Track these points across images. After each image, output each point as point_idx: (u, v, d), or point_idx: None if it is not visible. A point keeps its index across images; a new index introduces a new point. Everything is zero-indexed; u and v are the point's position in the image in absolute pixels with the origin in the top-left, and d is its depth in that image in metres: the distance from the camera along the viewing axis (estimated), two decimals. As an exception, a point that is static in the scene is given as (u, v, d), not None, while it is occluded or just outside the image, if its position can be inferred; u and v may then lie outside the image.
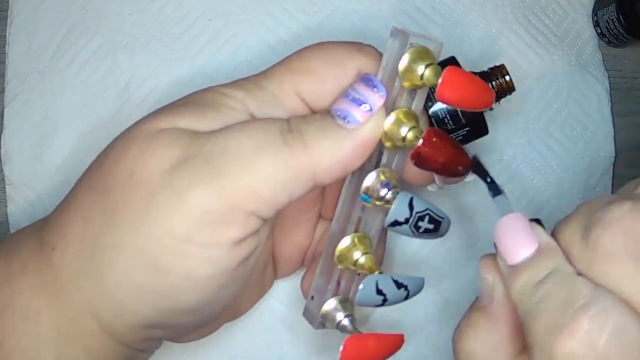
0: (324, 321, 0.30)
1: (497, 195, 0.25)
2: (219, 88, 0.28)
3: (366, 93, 0.26)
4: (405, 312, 0.41)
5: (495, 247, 0.24)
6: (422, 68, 0.26)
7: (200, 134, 0.26)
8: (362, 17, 0.43)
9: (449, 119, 0.36)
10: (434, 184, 0.30)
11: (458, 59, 0.38)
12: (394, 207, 0.27)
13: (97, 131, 0.41)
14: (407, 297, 0.29)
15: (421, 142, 0.26)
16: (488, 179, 0.26)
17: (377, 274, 0.28)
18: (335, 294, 0.30)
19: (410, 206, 0.27)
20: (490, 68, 0.38)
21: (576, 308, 0.20)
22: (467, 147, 0.27)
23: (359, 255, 0.29)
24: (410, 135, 0.26)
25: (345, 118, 0.26)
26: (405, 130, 0.26)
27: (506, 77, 0.38)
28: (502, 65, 0.38)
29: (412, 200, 0.27)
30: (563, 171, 0.43)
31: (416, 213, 0.27)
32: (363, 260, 0.29)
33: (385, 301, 0.28)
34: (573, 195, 0.43)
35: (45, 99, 0.41)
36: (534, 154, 0.43)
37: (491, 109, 0.39)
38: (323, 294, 0.30)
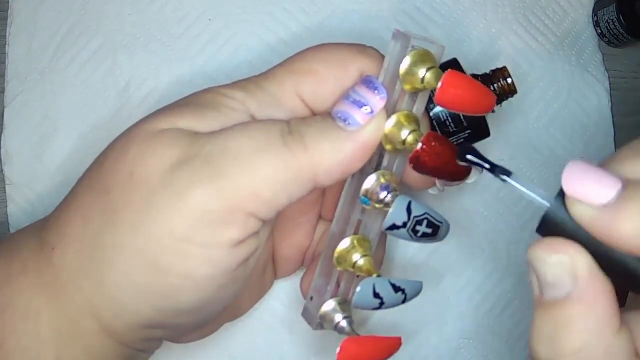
0: (322, 322, 0.30)
1: (508, 175, 0.23)
2: (219, 88, 0.28)
3: (367, 95, 0.26)
4: (404, 314, 0.41)
5: (565, 205, 0.21)
6: (423, 71, 0.26)
7: (200, 135, 0.26)
8: (362, 17, 0.43)
9: (451, 121, 0.36)
10: (435, 187, 0.29)
11: (458, 59, 0.38)
12: (392, 211, 0.27)
13: (97, 131, 0.41)
14: (405, 301, 0.28)
15: (420, 146, 0.26)
16: (493, 166, 0.23)
17: (375, 277, 0.28)
18: (334, 295, 0.30)
19: (408, 210, 0.27)
20: (492, 70, 0.38)
21: None
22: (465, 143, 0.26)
23: (358, 257, 0.29)
24: (410, 138, 0.26)
25: (345, 120, 0.26)
26: (405, 133, 0.26)
27: (508, 80, 0.37)
28: (504, 67, 0.38)
29: (411, 204, 0.27)
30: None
31: (414, 217, 0.27)
32: (362, 262, 0.29)
33: (382, 304, 0.28)
34: (573, 195, 0.43)
35: (45, 99, 0.41)
36: (534, 154, 0.43)
37: (492, 112, 0.39)
38: (322, 295, 0.30)
